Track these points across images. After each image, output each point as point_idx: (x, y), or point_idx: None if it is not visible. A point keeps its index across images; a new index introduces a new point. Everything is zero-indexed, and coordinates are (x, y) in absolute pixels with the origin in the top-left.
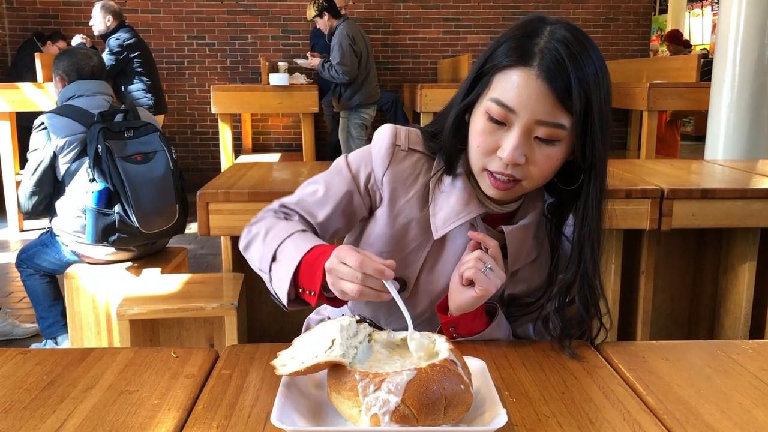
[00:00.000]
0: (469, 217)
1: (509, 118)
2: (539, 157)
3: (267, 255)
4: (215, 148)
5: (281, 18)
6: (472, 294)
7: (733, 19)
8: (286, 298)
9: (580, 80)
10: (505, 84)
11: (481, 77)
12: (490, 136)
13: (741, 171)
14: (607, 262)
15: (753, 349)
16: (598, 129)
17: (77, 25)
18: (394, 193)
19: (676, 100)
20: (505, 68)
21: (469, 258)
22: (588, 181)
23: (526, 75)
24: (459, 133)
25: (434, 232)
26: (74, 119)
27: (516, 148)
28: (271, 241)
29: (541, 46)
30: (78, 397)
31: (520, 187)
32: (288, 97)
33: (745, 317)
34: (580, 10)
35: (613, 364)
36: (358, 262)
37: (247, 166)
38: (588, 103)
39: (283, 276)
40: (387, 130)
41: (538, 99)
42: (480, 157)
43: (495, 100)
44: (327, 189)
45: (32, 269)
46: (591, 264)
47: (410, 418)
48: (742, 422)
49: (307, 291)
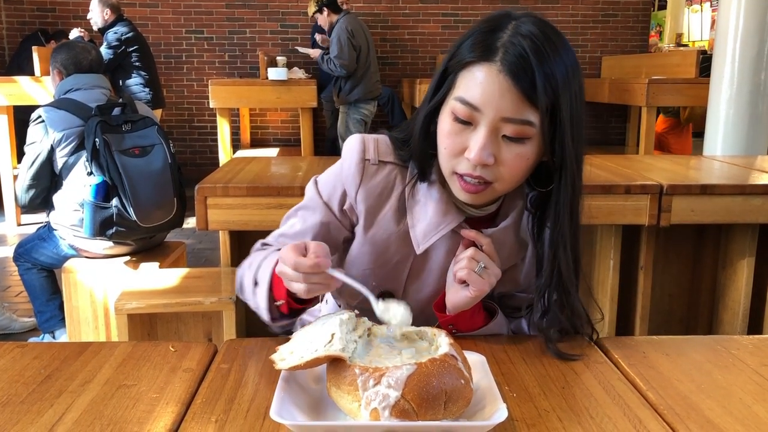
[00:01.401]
0: (449, 227)
1: (475, 117)
2: (508, 157)
3: (249, 284)
4: (213, 142)
5: (280, 12)
6: (466, 294)
7: (732, 15)
8: (268, 315)
9: (546, 75)
10: (469, 81)
11: (447, 76)
12: (457, 136)
13: (740, 167)
14: (606, 257)
15: (753, 344)
16: (568, 127)
17: (75, 18)
18: (370, 210)
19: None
20: (468, 65)
21: (462, 257)
22: (559, 182)
23: (488, 71)
24: (429, 138)
25: (416, 246)
26: (72, 113)
27: (483, 147)
28: (252, 269)
29: (504, 41)
30: (76, 391)
31: (491, 190)
32: (286, 91)
33: (743, 313)
34: (579, 6)
35: (613, 359)
36: (293, 264)
37: (245, 160)
38: (556, 100)
39: (260, 294)
40: (354, 145)
41: (502, 95)
42: (448, 159)
43: (459, 98)
44: (303, 222)
45: (30, 263)
46: (565, 266)
47: (410, 413)
48: (742, 417)
49: (278, 302)
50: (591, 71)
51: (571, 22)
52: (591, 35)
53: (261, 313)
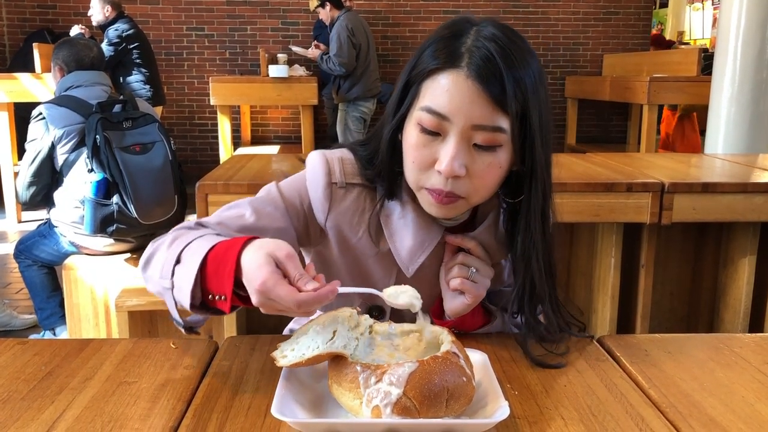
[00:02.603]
0: (433, 243)
1: (443, 127)
2: (480, 167)
3: (170, 260)
4: (214, 140)
5: (280, 9)
6: (463, 300)
7: (734, 13)
8: (189, 300)
9: (516, 79)
10: (435, 90)
11: (410, 87)
12: (425, 149)
13: (741, 165)
14: (607, 255)
15: (756, 342)
16: (538, 133)
17: (75, 15)
18: (342, 235)
19: (677, 94)
20: (432, 73)
21: (453, 265)
22: (530, 190)
23: (455, 77)
24: (396, 154)
25: (404, 269)
26: (72, 109)
27: (454, 157)
28: (177, 246)
29: (468, 45)
30: (77, 388)
31: (463, 203)
32: (287, 89)
33: (744, 311)
34: (581, 4)
35: (616, 357)
36: (296, 303)
37: (246, 157)
38: (525, 105)
39: (185, 276)
40: (319, 167)
41: (471, 102)
42: (416, 174)
43: (426, 108)
44: (257, 217)
45: (30, 260)
46: (538, 274)
47: (412, 410)
48: (745, 416)
49: (217, 296)
50: (592, 69)
51: (572, 20)
52: (592, 33)
53: (175, 294)
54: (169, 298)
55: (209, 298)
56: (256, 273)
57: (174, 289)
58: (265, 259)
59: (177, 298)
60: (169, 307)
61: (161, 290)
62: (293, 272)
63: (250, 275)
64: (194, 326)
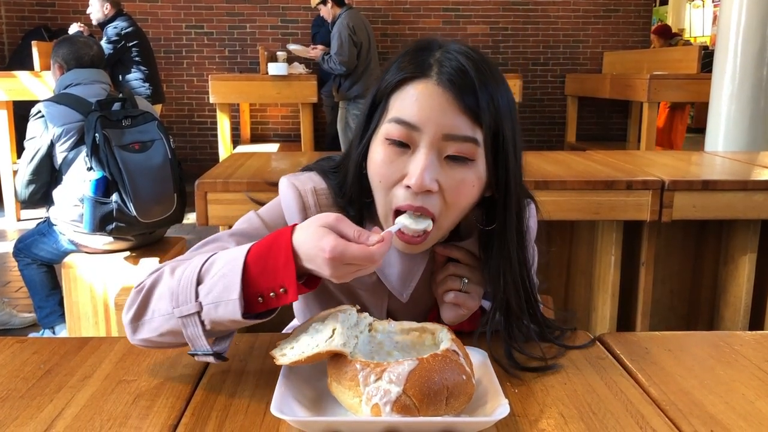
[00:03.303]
0: (423, 266)
1: (413, 137)
2: (452, 183)
3: (187, 284)
4: (213, 138)
5: (280, 7)
6: (459, 312)
7: (734, 11)
8: (240, 308)
9: (489, 92)
10: (403, 100)
11: (376, 106)
12: (393, 164)
13: (742, 163)
14: (607, 253)
15: (756, 340)
16: (512, 152)
17: (74, 13)
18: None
19: (677, 91)
20: (400, 84)
21: (444, 277)
22: (504, 213)
23: (424, 85)
24: (365, 181)
25: (398, 296)
26: (72, 107)
27: (425, 169)
28: (187, 271)
29: (438, 57)
30: (76, 386)
31: (434, 232)
32: (287, 86)
33: (744, 309)
34: (581, 1)
35: (616, 355)
36: (371, 257)
37: (245, 155)
38: (499, 120)
39: (224, 287)
40: (292, 202)
41: (442, 109)
42: (384, 193)
43: (394, 119)
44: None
45: (30, 259)
46: (514, 296)
47: (411, 408)
48: (745, 413)
49: (271, 294)
50: (592, 66)
51: (572, 18)
52: (592, 30)
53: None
54: (194, 326)
55: (259, 301)
56: (320, 244)
57: (203, 311)
58: (321, 231)
59: (214, 316)
60: (191, 339)
61: (177, 323)
62: (351, 232)
63: (313, 252)
64: (222, 352)
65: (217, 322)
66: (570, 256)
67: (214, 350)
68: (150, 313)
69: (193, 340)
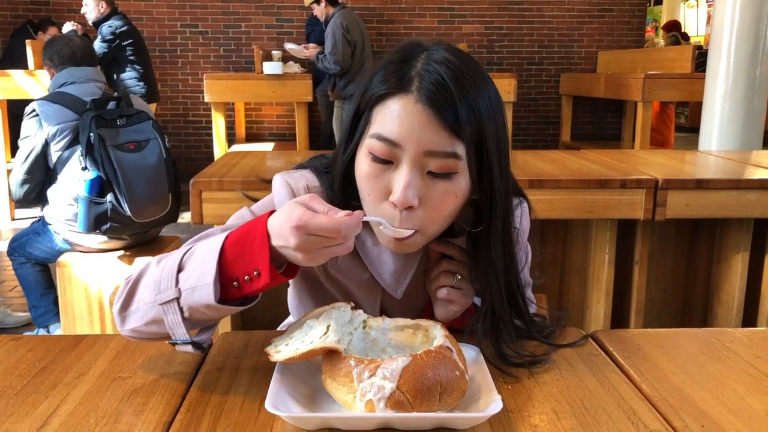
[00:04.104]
0: (415, 263)
1: (395, 154)
2: (435, 196)
3: (169, 272)
4: (208, 137)
5: (275, 6)
6: (452, 309)
7: (728, 10)
8: (213, 292)
9: (469, 104)
10: (384, 116)
11: (360, 115)
12: (378, 180)
13: (735, 162)
14: (601, 251)
15: (747, 337)
16: (495, 159)
17: (69, 12)
18: (318, 267)
19: (671, 91)
20: (381, 99)
21: (437, 273)
22: (489, 218)
23: (404, 102)
24: (351, 185)
25: (392, 292)
26: (66, 106)
27: (408, 186)
28: (170, 261)
29: (418, 69)
30: (71, 383)
31: (419, 237)
32: (282, 86)
33: (737, 307)
34: (575, 1)
35: (608, 352)
36: (337, 226)
37: (240, 154)
38: (481, 130)
39: (200, 272)
40: (284, 196)
41: (422, 127)
42: (373, 207)
43: (376, 135)
44: None
45: (24, 258)
46: (499, 300)
47: (405, 404)
48: (735, 408)
49: (245, 277)
50: (587, 66)
51: (566, 17)
52: (587, 30)
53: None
54: (173, 313)
55: (234, 286)
56: (288, 216)
57: (182, 297)
58: (291, 205)
59: (189, 303)
60: (171, 327)
61: (159, 311)
62: (320, 207)
63: (282, 225)
64: (201, 343)
65: (195, 308)
66: (564, 254)
67: (193, 339)
68: (135, 303)
69: (173, 327)
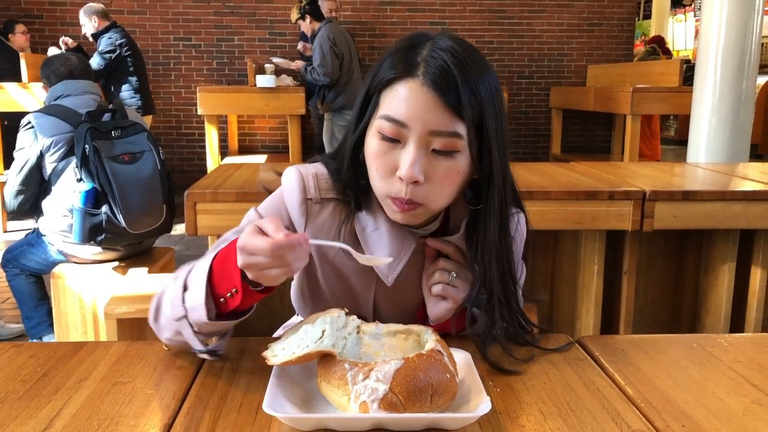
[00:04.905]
0: (409, 251)
1: (402, 134)
2: (439, 173)
3: (178, 291)
4: (201, 149)
5: (268, 20)
6: (446, 305)
7: (714, 25)
8: (205, 311)
9: (470, 88)
10: (392, 99)
11: (369, 98)
12: (386, 156)
13: (722, 174)
14: (590, 262)
15: (729, 342)
16: (494, 140)
17: (62, 25)
18: (320, 249)
19: (659, 104)
20: (390, 83)
21: (433, 270)
22: (487, 195)
23: (411, 86)
24: (360, 166)
25: (384, 279)
26: (61, 118)
27: (414, 162)
28: (179, 279)
29: (424, 56)
30: (72, 388)
31: (424, 210)
32: (275, 98)
33: (725, 317)
34: (564, 15)
35: (594, 357)
36: (269, 246)
37: (234, 166)
38: (481, 113)
39: (196, 293)
40: (294, 183)
41: (427, 109)
42: (381, 181)
43: (385, 116)
44: None
45: (18, 269)
46: (496, 280)
47: (398, 406)
48: (715, 410)
49: (228, 294)
50: (576, 80)
51: (556, 31)
52: (576, 44)
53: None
54: (186, 327)
55: (222, 302)
56: (241, 237)
57: (188, 315)
58: (248, 228)
59: (193, 320)
60: (188, 339)
61: (177, 326)
62: (270, 228)
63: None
64: (217, 350)
65: (199, 324)
66: (554, 265)
67: (207, 349)
68: (162, 318)
69: (190, 340)
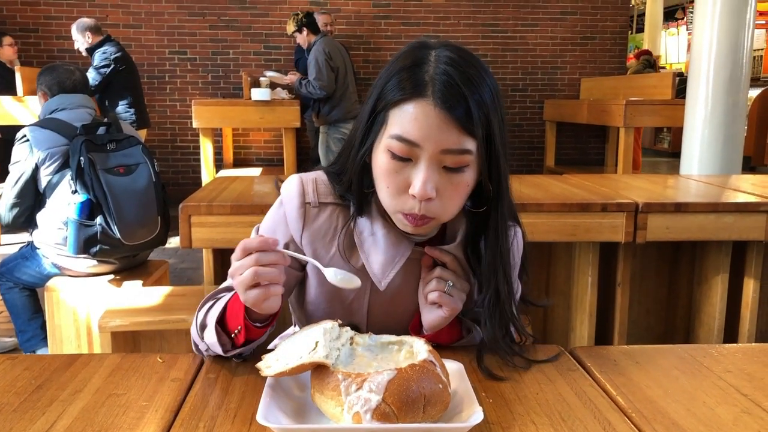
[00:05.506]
0: (404, 257)
1: (414, 153)
2: (450, 188)
3: (196, 329)
4: (196, 162)
5: (263, 33)
6: (440, 314)
7: (706, 38)
8: (221, 348)
9: (478, 103)
10: (403, 119)
11: (377, 115)
12: (398, 174)
13: (714, 186)
14: (584, 274)
15: (719, 353)
16: (501, 149)
17: (58, 39)
18: (317, 253)
19: (652, 116)
20: (398, 102)
21: (430, 278)
22: (496, 203)
23: (422, 106)
24: (366, 176)
25: (376, 282)
26: (56, 132)
27: (426, 181)
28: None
29: (431, 74)
30: (67, 400)
31: (436, 222)
32: (270, 111)
33: (718, 328)
34: (558, 29)
35: (586, 367)
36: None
37: (229, 179)
38: (489, 125)
39: (209, 331)
40: (294, 188)
41: (439, 128)
42: (392, 199)
43: (396, 136)
44: None
45: (12, 282)
46: (503, 286)
47: (391, 416)
48: (705, 419)
49: (236, 331)
50: (570, 93)
51: (550, 45)
52: (570, 57)
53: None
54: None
55: (232, 337)
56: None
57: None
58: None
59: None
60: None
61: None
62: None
63: None
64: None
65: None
66: (548, 277)
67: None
68: (199, 341)
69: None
